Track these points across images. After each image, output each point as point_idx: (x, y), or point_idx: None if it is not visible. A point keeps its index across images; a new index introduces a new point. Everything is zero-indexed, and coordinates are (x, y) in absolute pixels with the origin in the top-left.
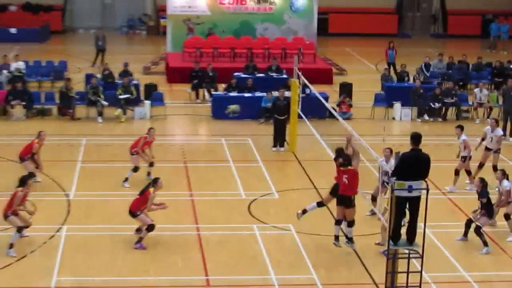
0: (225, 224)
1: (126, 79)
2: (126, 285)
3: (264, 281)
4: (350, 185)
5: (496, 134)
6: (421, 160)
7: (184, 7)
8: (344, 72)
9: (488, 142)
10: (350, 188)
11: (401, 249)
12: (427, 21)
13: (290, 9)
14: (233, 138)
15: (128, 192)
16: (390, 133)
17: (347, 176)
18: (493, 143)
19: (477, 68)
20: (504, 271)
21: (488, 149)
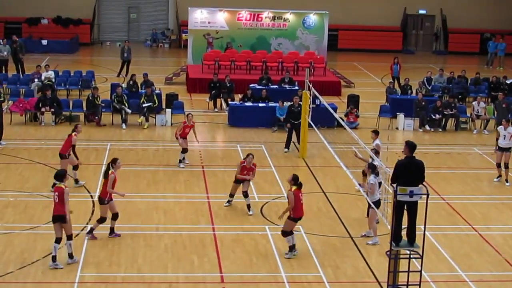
0: (239, 224)
1: (149, 89)
2: (145, 281)
3: (274, 278)
4: None
5: (509, 132)
6: (415, 166)
7: (204, 23)
8: (352, 85)
9: (501, 141)
10: None
11: (403, 249)
12: (429, 39)
13: (303, 25)
14: (248, 144)
15: (148, 194)
16: (394, 142)
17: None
18: (506, 141)
19: (475, 83)
20: (498, 271)
21: (502, 149)
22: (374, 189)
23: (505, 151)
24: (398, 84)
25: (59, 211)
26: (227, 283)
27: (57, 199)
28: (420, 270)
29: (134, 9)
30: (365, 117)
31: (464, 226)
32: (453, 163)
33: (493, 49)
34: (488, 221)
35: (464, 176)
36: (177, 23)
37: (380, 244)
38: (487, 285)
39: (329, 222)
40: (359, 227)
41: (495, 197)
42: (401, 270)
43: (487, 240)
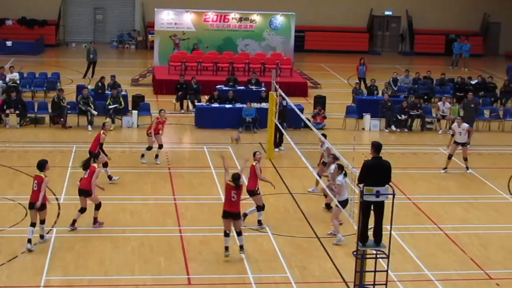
0: (206, 226)
1: (115, 90)
2: (112, 284)
3: (242, 280)
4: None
5: (464, 128)
6: (382, 166)
7: (170, 24)
8: (319, 86)
9: (457, 137)
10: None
11: (369, 249)
12: (395, 40)
13: (270, 27)
14: (215, 146)
15: (115, 196)
16: (360, 142)
17: (235, 192)
18: (462, 136)
19: (441, 83)
20: (464, 270)
21: (458, 143)
22: (342, 189)
23: (462, 146)
24: (364, 85)
25: (36, 199)
26: (194, 285)
27: (36, 187)
28: (387, 270)
29: (100, 10)
30: (332, 118)
31: (430, 226)
32: (419, 163)
33: (458, 50)
34: (453, 221)
35: (430, 176)
36: (144, 24)
37: (347, 244)
38: (453, 284)
39: (296, 222)
40: (326, 227)
41: (460, 196)
42: (367, 270)
43: (452, 239)
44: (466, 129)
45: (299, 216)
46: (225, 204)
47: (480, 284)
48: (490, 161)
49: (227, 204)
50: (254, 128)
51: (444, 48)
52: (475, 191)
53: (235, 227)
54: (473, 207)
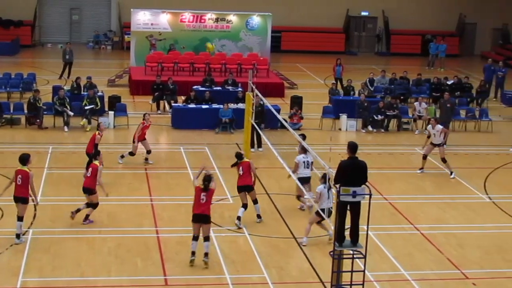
0: (183, 226)
1: (92, 91)
2: (88, 285)
3: (219, 280)
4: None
5: (438, 129)
6: (358, 167)
7: (147, 24)
8: (295, 86)
9: (433, 138)
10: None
11: (346, 250)
12: (372, 40)
13: (246, 27)
14: (191, 146)
15: None
16: (337, 143)
17: (205, 194)
18: (437, 138)
19: (417, 84)
20: (440, 269)
21: (434, 144)
22: (322, 197)
23: (438, 147)
24: (341, 85)
25: (20, 193)
26: (171, 286)
27: (20, 181)
28: (364, 270)
29: (76, 11)
30: (308, 118)
31: (406, 226)
32: (396, 163)
33: (434, 50)
34: (430, 221)
35: (407, 176)
36: (120, 24)
37: (324, 245)
38: (430, 283)
39: (273, 223)
40: (303, 228)
41: (437, 196)
42: (344, 270)
43: (429, 239)
44: (440, 130)
45: (276, 217)
46: (194, 207)
47: (456, 284)
48: (466, 161)
49: (196, 207)
50: (230, 128)
51: (420, 48)
52: (452, 191)
53: (203, 232)
54: (450, 207)
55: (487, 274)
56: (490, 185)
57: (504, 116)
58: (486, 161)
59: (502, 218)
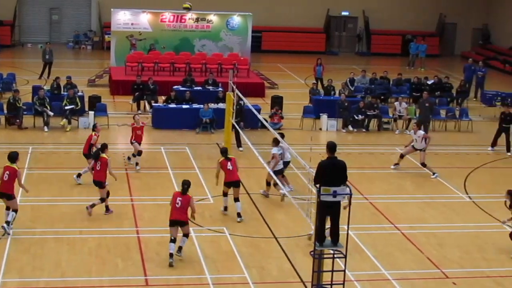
0: (163, 227)
1: (72, 91)
2: (68, 285)
3: (199, 280)
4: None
5: (419, 135)
6: (337, 166)
7: (127, 24)
8: (276, 86)
9: (414, 143)
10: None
11: (327, 249)
12: (352, 40)
13: (227, 27)
14: (172, 146)
15: (72, 197)
16: (317, 142)
17: (181, 199)
18: (418, 143)
19: (397, 84)
20: (420, 269)
21: (416, 149)
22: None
23: (420, 151)
24: (321, 85)
25: (6, 189)
26: (151, 286)
27: (7, 177)
28: (344, 270)
29: (56, 11)
30: (289, 118)
31: (387, 225)
32: (376, 163)
33: (415, 50)
34: (410, 220)
35: (387, 175)
36: (100, 24)
37: (305, 245)
38: (410, 283)
39: (254, 223)
40: (284, 228)
41: (417, 196)
42: (325, 270)
43: (409, 238)
44: (422, 136)
45: (256, 217)
46: (171, 212)
47: (436, 283)
48: (446, 160)
49: (173, 213)
50: (211, 128)
51: (401, 48)
52: (432, 191)
53: (183, 231)
54: (430, 207)
55: (467, 273)
56: (470, 184)
57: (484, 116)
58: (466, 160)
59: (482, 217)
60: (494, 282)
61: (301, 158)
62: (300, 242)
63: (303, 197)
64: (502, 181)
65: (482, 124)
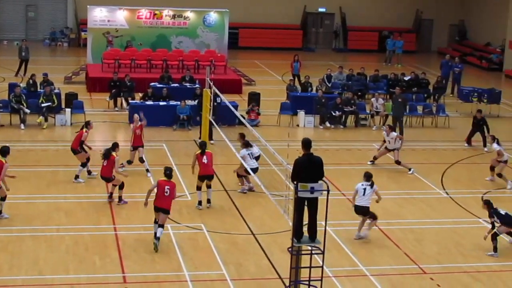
0: (141, 224)
1: (48, 88)
2: (46, 283)
3: (177, 277)
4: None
5: (392, 137)
6: (314, 163)
7: (103, 21)
8: (253, 83)
9: (387, 144)
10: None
11: (304, 246)
12: (329, 37)
13: (203, 24)
14: (149, 143)
15: (49, 194)
16: (295, 139)
17: (169, 187)
18: (391, 145)
19: (374, 80)
20: (398, 265)
21: (389, 150)
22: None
23: (393, 150)
24: (298, 82)
25: None
26: (129, 283)
27: None
28: (322, 266)
29: (32, 8)
30: (266, 115)
31: None
32: (353, 159)
33: (391, 46)
34: (388, 216)
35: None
36: (76, 21)
37: (282, 241)
38: (388, 278)
39: (231, 219)
40: (261, 224)
41: (394, 192)
42: (303, 266)
43: (387, 234)
44: (395, 137)
45: (234, 213)
46: (157, 200)
47: (414, 279)
48: (423, 156)
49: (160, 201)
50: (188, 125)
51: (378, 44)
52: (409, 187)
53: (160, 220)
54: (407, 202)
55: (444, 268)
56: (447, 180)
57: (461, 111)
58: (443, 156)
59: (459, 213)
60: (471, 277)
61: (278, 154)
62: (278, 239)
63: (281, 193)
64: (479, 176)
65: (459, 120)
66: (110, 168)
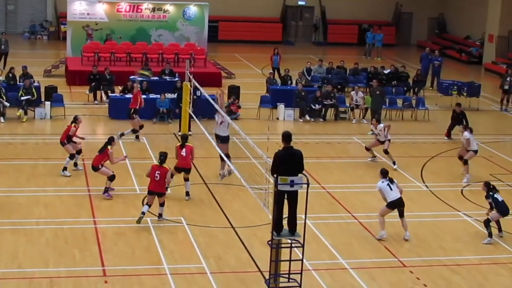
0: (121, 217)
1: (28, 81)
2: (26, 277)
3: (157, 271)
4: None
5: (380, 129)
6: (294, 156)
7: (83, 14)
8: (233, 76)
9: (378, 137)
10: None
11: (284, 239)
12: (309, 30)
13: (183, 17)
14: (129, 137)
15: (28, 188)
16: (275, 132)
17: (159, 172)
18: (382, 136)
19: (354, 73)
20: (378, 258)
21: (380, 141)
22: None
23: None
24: (278, 75)
25: None
26: (109, 277)
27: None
28: (302, 259)
29: (11, 1)
30: (246, 108)
31: (344, 215)
32: (333, 152)
33: (371, 40)
34: (367, 209)
35: (344, 165)
36: (56, 14)
37: (262, 234)
38: (368, 272)
39: (211, 213)
40: (241, 217)
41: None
42: (283, 259)
43: (366, 227)
44: (383, 129)
45: (214, 207)
46: (151, 184)
47: (394, 272)
48: (403, 150)
49: (152, 185)
50: (168, 118)
51: (357, 38)
52: None
53: (159, 200)
54: None
55: (424, 262)
56: (427, 173)
57: (441, 105)
58: (423, 150)
59: (439, 206)
60: (451, 270)
61: (258, 147)
62: (258, 232)
63: (261, 187)
64: (458, 169)
65: (439, 113)
66: (101, 160)
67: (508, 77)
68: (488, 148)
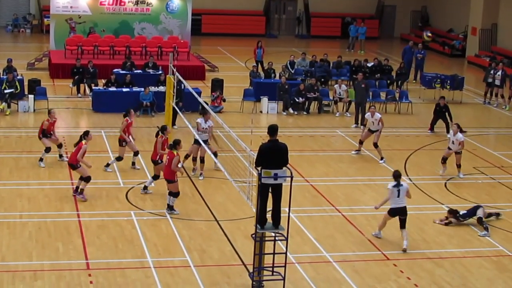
0: (104, 210)
1: (11, 74)
2: (9, 270)
3: (141, 264)
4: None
5: (376, 118)
6: (278, 149)
7: (66, 7)
8: (216, 69)
9: (371, 126)
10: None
11: (268, 232)
12: (292, 23)
13: (166, 10)
14: (112, 130)
15: (11, 181)
16: (258, 125)
17: (168, 157)
18: (375, 126)
19: (337, 66)
20: (361, 251)
21: (371, 131)
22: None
23: (374, 132)
24: (261, 68)
25: None
26: (92, 270)
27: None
28: (285, 252)
29: None
30: (230, 101)
31: (328, 208)
32: (317, 145)
33: (354, 33)
34: (351, 202)
35: (327, 158)
36: (39, 8)
37: (246, 228)
38: (351, 265)
39: (195, 206)
40: (225, 211)
41: (357, 178)
42: (266, 253)
43: (350, 220)
44: (379, 119)
45: (197, 200)
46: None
47: (377, 265)
48: (386, 143)
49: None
50: (152, 112)
51: (340, 31)
52: (372, 173)
53: (168, 188)
54: (370, 189)
55: (407, 255)
56: (410, 166)
57: (424, 98)
58: (406, 143)
59: (422, 199)
60: (434, 263)
61: (241, 141)
62: (241, 225)
63: (244, 180)
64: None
65: (422, 106)
66: (76, 154)
67: (491, 70)
68: (472, 141)
